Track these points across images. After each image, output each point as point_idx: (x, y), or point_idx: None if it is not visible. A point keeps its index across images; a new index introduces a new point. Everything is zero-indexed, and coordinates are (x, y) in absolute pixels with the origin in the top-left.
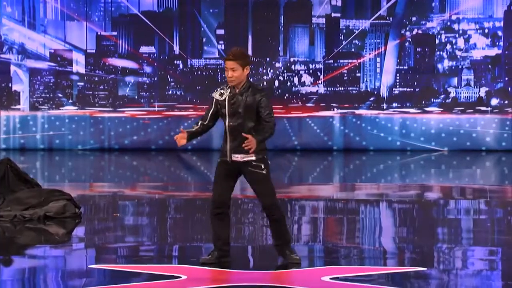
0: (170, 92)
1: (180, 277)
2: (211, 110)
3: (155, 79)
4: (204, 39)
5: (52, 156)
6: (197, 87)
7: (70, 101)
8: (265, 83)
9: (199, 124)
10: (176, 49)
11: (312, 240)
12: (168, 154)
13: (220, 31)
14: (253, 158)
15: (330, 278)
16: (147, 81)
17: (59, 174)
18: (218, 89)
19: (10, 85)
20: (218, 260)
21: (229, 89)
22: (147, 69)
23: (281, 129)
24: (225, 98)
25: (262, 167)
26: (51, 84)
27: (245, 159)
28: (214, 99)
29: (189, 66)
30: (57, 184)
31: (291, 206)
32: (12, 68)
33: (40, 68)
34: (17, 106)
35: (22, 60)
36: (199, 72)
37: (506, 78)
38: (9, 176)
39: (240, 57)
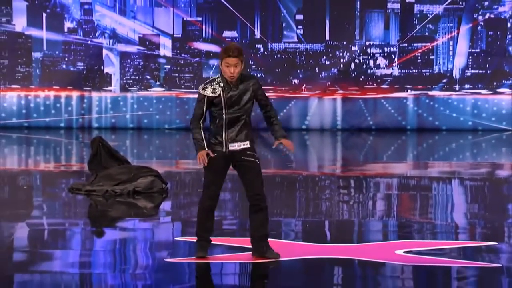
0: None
1: None
2: (205, 109)
3: None
4: (284, 24)
5: (141, 134)
6: (276, 70)
7: (158, 83)
8: (341, 65)
9: (201, 127)
10: (257, 33)
11: (386, 215)
12: None
13: (299, 16)
14: (248, 145)
15: (404, 252)
16: None
17: (147, 152)
18: (207, 85)
19: (102, 67)
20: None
21: (220, 83)
22: None
23: (357, 109)
24: (219, 94)
25: (256, 156)
26: (140, 67)
27: (242, 146)
28: (206, 97)
29: (269, 49)
30: (146, 161)
31: (366, 183)
32: (104, 52)
33: (130, 52)
34: (109, 88)
35: (113, 44)
36: (279, 56)
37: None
38: (101, 153)
39: (242, 53)
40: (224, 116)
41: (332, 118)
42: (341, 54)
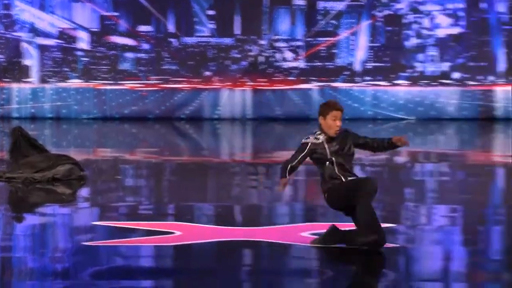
0: (165, 67)
1: (175, 233)
2: (301, 160)
3: (152, 55)
4: (196, 19)
5: (60, 124)
6: (189, 62)
7: (76, 74)
8: (251, 59)
9: (289, 167)
10: (171, 28)
11: (294, 199)
12: (164, 123)
13: (211, 12)
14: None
15: (309, 234)
16: (145, 57)
17: (66, 141)
18: (310, 136)
19: (22, 60)
20: None
21: (321, 134)
22: (145, 46)
23: (265, 100)
24: (322, 141)
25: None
26: (58, 59)
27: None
28: (310, 145)
29: (182, 43)
30: (64, 150)
31: (274, 170)
32: (24, 44)
33: (49, 45)
34: (28, 79)
35: (32, 37)
36: (191, 49)
37: (467, 54)
38: (21, 142)
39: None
40: (334, 161)
41: (242, 108)
42: (250, 48)
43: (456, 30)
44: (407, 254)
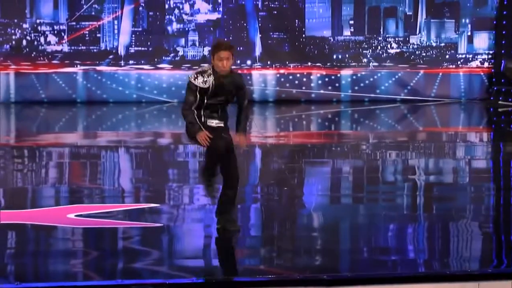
0: None
1: None
2: (198, 98)
3: None
4: None
5: None
6: None
7: None
8: (13, 42)
9: (195, 112)
10: None
11: (59, 182)
12: None
13: None
14: (222, 125)
15: (75, 215)
16: None
17: None
18: (198, 75)
19: None
20: None
21: (210, 75)
22: None
23: (30, 84)
24: (209, 86)
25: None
26: None
27: (218, 124)
28: (198, 88)
29: None
30: None
31: (39, 153)
32: None
33: None
34: None
35: None
36: None
37: (225, 39)
38: None
39: (232, 47)
40: (205, 101)
41: (6, 92)
42: (13, 31)
43: (214, 16)
44: (171, 233)
